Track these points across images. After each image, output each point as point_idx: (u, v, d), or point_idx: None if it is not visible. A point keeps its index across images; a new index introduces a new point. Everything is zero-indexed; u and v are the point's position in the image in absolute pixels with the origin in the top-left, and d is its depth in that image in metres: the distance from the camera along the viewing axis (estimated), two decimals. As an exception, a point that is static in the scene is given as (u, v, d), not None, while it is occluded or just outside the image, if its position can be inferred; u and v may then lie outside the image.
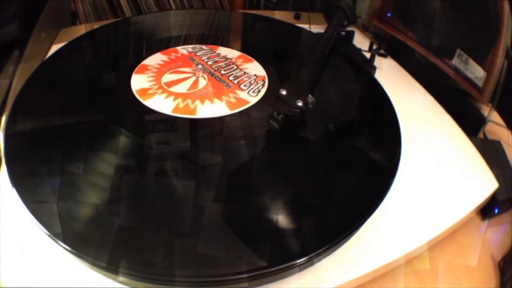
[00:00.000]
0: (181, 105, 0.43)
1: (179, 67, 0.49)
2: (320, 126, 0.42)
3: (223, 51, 0.53)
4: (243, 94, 0.45)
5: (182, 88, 0.45)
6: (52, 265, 0.31)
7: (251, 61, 0.51)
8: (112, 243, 0.30)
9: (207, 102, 0.43)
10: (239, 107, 0.43)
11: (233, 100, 0.44)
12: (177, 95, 0.44)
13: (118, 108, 0.43)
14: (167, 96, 0.44)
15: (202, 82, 0.46)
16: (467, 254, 0.40)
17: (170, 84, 0.46)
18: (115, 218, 0.32)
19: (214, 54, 0.52)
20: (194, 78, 0.47)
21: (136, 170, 0.37)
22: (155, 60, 0.50)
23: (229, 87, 0.45)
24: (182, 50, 0.52)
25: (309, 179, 0.37)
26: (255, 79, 0.47)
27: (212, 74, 0.48)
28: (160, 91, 0.44)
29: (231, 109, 0.42)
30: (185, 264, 0.29)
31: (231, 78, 0.47)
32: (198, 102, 0.43)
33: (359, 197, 0.36)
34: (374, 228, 0.36)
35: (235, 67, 0.49)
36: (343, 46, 0.56)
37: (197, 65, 0.48)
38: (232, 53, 0.52)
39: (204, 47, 0.53)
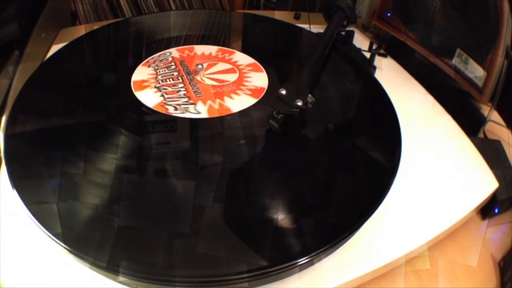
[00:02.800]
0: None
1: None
2: (320, 126, 0.42)
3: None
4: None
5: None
6: (52, 265, 0.31)
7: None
8: (112, 243, 0.30)
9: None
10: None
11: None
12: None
13: (118, 108, 0.43)
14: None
15: (197, 83, 0.47)
16: (467, 254, 0.40)
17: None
18: (115, 218, 0.32)
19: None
20: (190, 79, 0.47)
21: (136, 170, 0.37)
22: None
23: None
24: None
25: (309, 179, 0.37)
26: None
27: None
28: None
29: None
30: (185, 264, 0.29)
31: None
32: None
33: (359, 197, 0.36)
34: (374, 228, 0.36)
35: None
36: (343, 46, 0.56)
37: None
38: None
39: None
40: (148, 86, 0.45)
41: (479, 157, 0.45)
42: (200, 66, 0.48)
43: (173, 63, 0.49)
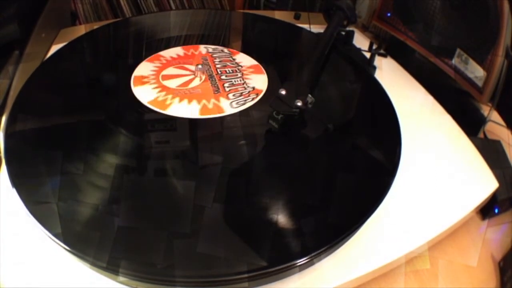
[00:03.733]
0: (159, 98, 0.43)
1: (187, 63, 0.49)
2: (320, 126, 0.42)
3: (240, 57, 0.52)
4: (224, 103, 0.44)
5: (174, 83, 0.46)
6: (52, 265, 0.32)
7: (261, 73, 0.50)
8: (112, 243, 0.30)
9: (184, 102, 0.43)
10: (211, 114, 0.42)
11: (210, 105, 0.43)
12: (164, 88, 0.44)
13: (118, 108, 0.43)
14: (154, 88, 0.44)
15: (196, 82, 0.47)
16: (467, 254, 0.40)
17: (166, 77, 0.46)
18: (115, 218, 0.32)
19: (230, 58, 0.52)
20: (191, 77, 0.47)
21: (136, 170, 0.37)
22: (171, 53, 0.51)
23: (218, 92, 0.45)
24: (203, 48, 0.53)
25: (309, 179, 0.37)
26: (249, 92, 0.46)
27: (211, 77, 0.48)
28: (153, 81, 0.45)
29: (201, 114, 0.42)
30: (185, 264, 0.29)
31: (226, 85, 0.46)
32: (176, 99, 0.43)
33: (359, 197, 0.36)
34: (374, 228, 0.36)
35: (239, 75, 0.49)
36: (343, 46, 0.56)
37: (197, 65, 0.48)
38: (247, 61, 0.52)
39: (225, 50, 0.53)
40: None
41: (479, 157, 0.45)
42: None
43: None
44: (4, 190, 0.35)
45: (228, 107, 0.43)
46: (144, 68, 0.48)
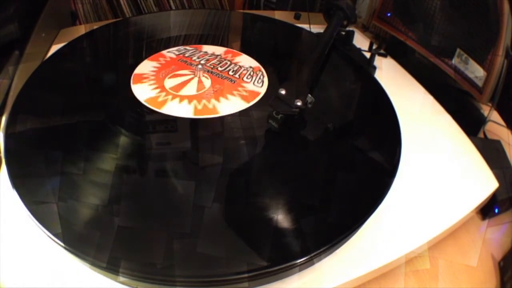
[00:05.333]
0: (199, 107, 0.43)
1: (175, 70, 0.48)
2: (320, 126, 0.42)
3: (208, 49, 0.53)
4: (250, 86, 0.45)
5: (190, 90, 0.45)
6: (52, 265, 0.32)
7: (239, 54, 0.51)
8: (112, 243, 0.30)
9: (222, 100, 0.43)
10: (254, 98, 0.43)
11: (244, 93, 0.44)
12: (190, 98, 0.44)
13: (118, 108, 0.43)
14: (180, 101, 0.43)
15: (207, 82, 0.46)
16: (467, 254, 0.40)
17: (176, 88, 0.45)
18: (115, 218, 0.32)
19: (202, 53, 0.52)
20: (196, 79, 0.47)
21: (136, 170, 0.36)
22: (146, 67, 0.49)
23: (234, 81, 0.46)
24: (169, 54, 0.52)
25: (309, 179, 0.37)
26: (252, 71, 0.47)
27: (212, 72, 0.48)
28: (170, 97, 0.44)
29: (247, 101, 0.43)
30: (185, 264, 0.29)
31: (230, 73, 0.47)
32: (213, 101, 0.43)
33: (359, 197, 0.36)
34: (374, 228, 0.36)
35: (229, 63, 0.49)
36: (343, 46, 0.56)
37: (196, 65, 0.48)
38: (218, 50, 0.52)
39: (188, 47, 0.53)
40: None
41: (479, 157, 0.45)
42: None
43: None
44: (4, 190, 0.35)
45: (256, 88, 0.44)
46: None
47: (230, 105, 0.43)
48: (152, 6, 0.77)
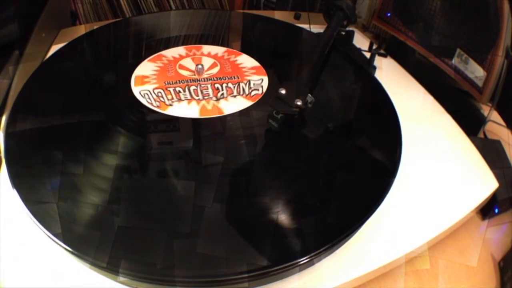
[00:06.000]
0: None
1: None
2: (320, 126, 0.42)
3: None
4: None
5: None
6: (52, 265, 0.32)
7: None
8: (112, 244, 0.30)
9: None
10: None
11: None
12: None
13: (118, 108, 0.43)
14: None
15: (196, 82, 0.46)
16: (467, 254, 0.40)
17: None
18: (115, 218, 0.32)
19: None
20: (192, 77, 0.47)
21: (136, 170, 0.37)
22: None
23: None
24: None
25: (309, 179, 0.37)
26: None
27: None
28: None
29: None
30: (185, 264, 0.29)
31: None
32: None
33: (359, 197, 0.36)
34: (374, 228, 0.36)
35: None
36: (343, 46, 0.56)
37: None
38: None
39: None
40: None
41: (479, 157, 0.45)
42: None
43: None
44: (4, 190, 0.35)
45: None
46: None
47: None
48: (152, 6, 0.77)
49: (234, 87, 0.46)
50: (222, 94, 0.45)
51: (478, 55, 0.51)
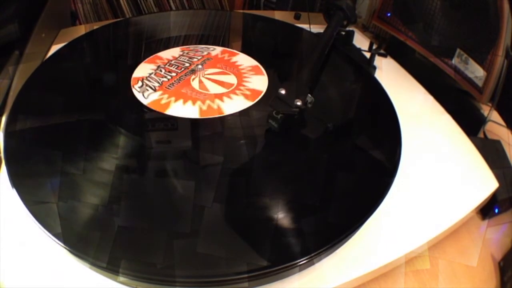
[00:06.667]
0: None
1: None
2: (320, 126, 0.42)
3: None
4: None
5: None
6: (52, 265, 0.31)
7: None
8: (112, 243, 0.30)
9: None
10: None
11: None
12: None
13: (116, 107, 0.43)
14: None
15: (196, 82, 0.47)
16: (467, 254, 0.40)
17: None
18: (115, 218, 0.32)
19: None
20: (191, 77, 0.47)
21: (136, 170, 0.37)
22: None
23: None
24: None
25: (309, 179, 0.37)
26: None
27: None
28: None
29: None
30: (185, 264, 0.29)
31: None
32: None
33: (359, 197, 0.36)
34: (374, 228, 0.36)
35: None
36: (343, 46, 0.56)
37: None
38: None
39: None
40: (162, 99, 0.45)
41: (479, 157, 0.45)
42: (200, 66, 0.48)
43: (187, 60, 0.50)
44: (4, 190, 0.35)
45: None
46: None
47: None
48: (152, 7, 0.77)
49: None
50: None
51: (478, 55, 0.51)
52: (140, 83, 0.45)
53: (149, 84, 0.45)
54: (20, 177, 0.34)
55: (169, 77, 0.47)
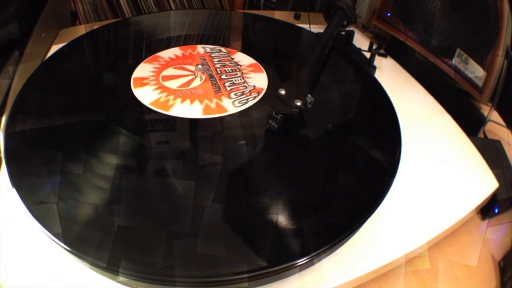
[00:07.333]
0: (161, 100, 0.43)
1: (186, 64, 0.49)
2: (320, 126, 0.42)
3: (238, 56, 0.52)
4: (227, 102, 0.44)
5: (175, 84, 0.46)
6: (52, 265, 0.32)
7: (260, 71, 0.50)
8: (112, 243, 0.30)
9: (186, 102, 0.43)
10: (215, 113, 0.42)
11: (213, 105, 0.43)
12: (164, 89, 0.44)
13: (116, 107, 0.43)
14: (155, 89, 0.44)
15: (197, 82, 0.47)
16: (467, 254, 0.40)
17: (166, 78, 0.46)
18: (115, 218, 0.32)
19: (228, 58, 0.52)
20: (191, 77, 0.47)
21: (137, 170, 0.36)
22: (169, 53, 0.51)
23: (219, 92, 0.45)
24: (200, 48, 0.53)
25: (308, 179, 0.37)
26: (250, 91, 0.46)
27: (211, 77, 0.48)
28: (153, 82, 0.44)
29: (205, 113, 0.42)
30: (185, 264, 0.29)
31: (227, 84, 0.46)
32: (179, 100, 0.43)
33: (359, 197, 0.36)
34: (374, 228, 0.36)
35: (239, 74, 0.49)
36: (343, 46, 0.56)
37: (197, 65, 0.48)
38: (246, 60, 0.52)
39: (223, 49, 0.53)
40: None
41: (479, 157, 0.45)
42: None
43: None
44: (4, 190, 0.35)
45: (231, 106, 0.43)
46: (143, 69, 0.48)
47: (185, 109, 0.43)
48: (152, 6, 0.77)
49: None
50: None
51: (478, 55, 0.51)
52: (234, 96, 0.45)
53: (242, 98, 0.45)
54: (20, 177, 0.34)
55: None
